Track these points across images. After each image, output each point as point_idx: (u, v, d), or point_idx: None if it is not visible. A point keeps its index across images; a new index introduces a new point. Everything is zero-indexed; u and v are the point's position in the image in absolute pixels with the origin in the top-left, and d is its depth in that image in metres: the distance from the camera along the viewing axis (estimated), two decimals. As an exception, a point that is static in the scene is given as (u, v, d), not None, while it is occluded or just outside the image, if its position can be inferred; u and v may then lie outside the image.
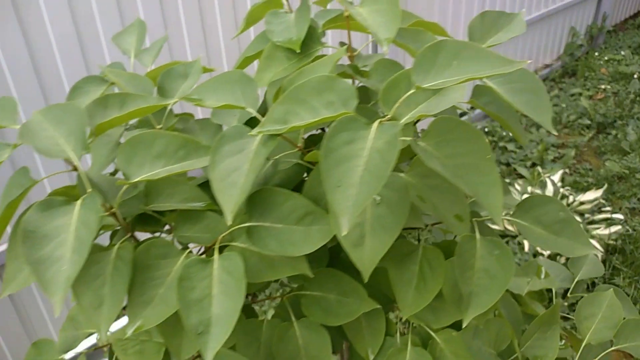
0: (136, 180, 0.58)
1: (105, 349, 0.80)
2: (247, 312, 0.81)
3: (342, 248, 0.61)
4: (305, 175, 0.76)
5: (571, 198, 2.44)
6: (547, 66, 4.35)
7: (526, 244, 2.32)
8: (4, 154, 0.57)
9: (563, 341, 0.94)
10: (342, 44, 0.80)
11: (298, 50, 0.72)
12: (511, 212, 0.67)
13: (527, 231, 0.66)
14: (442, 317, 0.76)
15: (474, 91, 0.71)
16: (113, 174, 0.79)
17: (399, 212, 0.58)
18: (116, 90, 0.82)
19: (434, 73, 0.52)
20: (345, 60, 0.83)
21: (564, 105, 3.81)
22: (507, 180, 2.84)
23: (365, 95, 0.86)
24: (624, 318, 0.85)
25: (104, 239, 0.72)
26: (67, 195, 0.60)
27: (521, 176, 2.99)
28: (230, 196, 0.56)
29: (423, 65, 0.52)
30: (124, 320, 0.59)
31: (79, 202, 0.52)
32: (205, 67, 0.91)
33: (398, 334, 0.78)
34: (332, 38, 2.25)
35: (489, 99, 0.70)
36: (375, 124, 0.52)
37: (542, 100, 0.61)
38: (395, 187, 0.59)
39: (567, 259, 1.01)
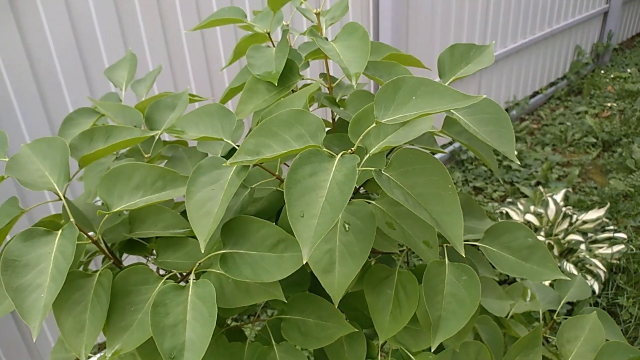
0: (116, 210, 0.61)
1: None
2: (233, 335, 0.83)
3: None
4: (286, 201, 0.79)
5: (574, 217, 2.43)
6: (552, 84, 4.36)
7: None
8: (-8, 187, 0.61)
9: (549, 364, 0.95)
10: (322, 75, 0.84)
11: (276, 84, 0.75)
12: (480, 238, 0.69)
13: (495, 257, 0.67)
14: (420, 340, 0.78)
15: (445, 122, 0.73)
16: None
17: (366, 239, 0.60)
18: (109, 121, 0.87)
19: (393, 108, 0.55)
20: (327, 90, 0.86)
21: (569, 124, 3.81)
22: (510, 200, 2.84)
23: (347, 123, 0.89)
24: (606, 340, 0.86)
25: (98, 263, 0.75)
26: (53, 224, 0.64)
27: (525, 195, 2.98)
28: (205, 225, 0.59)
29: (384, 100, 0.55)
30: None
31: (59, 232, 0.56)
32: (195, 96, 0.95)
33: (379, 357, 0.80)
34: (318, 67, 2.30)
35: (460, 129, 0.72)
36: (338, 156, 0.54)
37: (505, 131, 0.64)
38: (362, 215, 0.61)
39: (554, 280, 1.02)
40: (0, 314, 0.60)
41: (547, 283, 1.98)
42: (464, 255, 0.56)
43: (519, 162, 0.62)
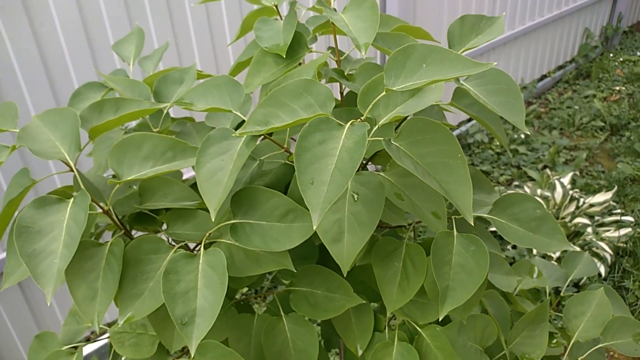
0: (126, 180, 0.61)
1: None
2: (242, 308, 0.84)
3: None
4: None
5: (581, 200, 2.43)
6: (560, 68, 4.32)
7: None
8: (2, 155, 0.61)
9: (555, 340, 0.95)
10: (329, 48, 0.83)
11: (284, 56, 0.75)
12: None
13: (504, 228, 0.67)
14: (427, 313, 0.78)
15: (454, 93, 0.73)
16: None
17: (374, 209, 0.61)
18: (116, 95, 0.87)
19: (403, 76, 0.55)
20: (335, 64, 0.86)
21: (577, 107, 3.77)
22: (517, 183, 2.83)
23: (355, 98, 0.89)
24: (612, 316, 0.86)
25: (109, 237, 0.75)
26: (64, 194, 0.64)
27: (532, 179, 2.97)
28: (215, 195, 0.59)
29: (394, 69, 0.55)
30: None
31: (70, 200, 0.56)
32: (202, 72, 0.94)
33: (387, 329, 0.81)
34: (325, 42, 2.29)
35: (470, 101, 0.72)
36: (347, 124, 0.54)
37: (515, 101, 0.63)
38: (371, 185, 0.62)
39: (561, 258, 1.02)
40: (15, 281, 0.61)
41: (554, 261, 1.98)
42: (472, 224, 0.56)
43: (528, 132, 0.62)
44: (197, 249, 0.70)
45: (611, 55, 4.60)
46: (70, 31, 1.59)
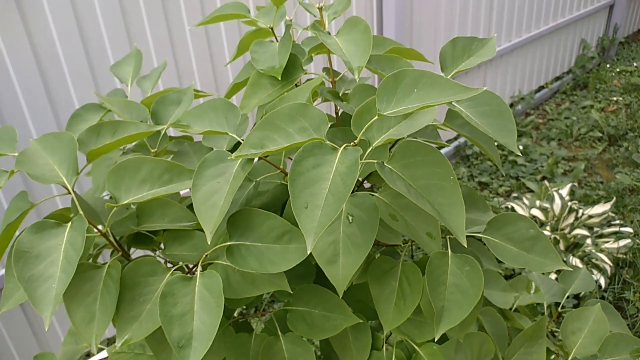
0: (123, 203, 0.62)
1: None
2: (240, 328, 0.84)
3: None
4: (290, 195, 0.80)
5: (580, 212, 2.43)
6: (557, 79, 4.34)
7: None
8: (1, 180, 0.62)
9: (553, 356, 0.95)
10: (325, 69, 0.85)
11: (279, 78, 0.76)
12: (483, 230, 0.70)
13: (498, 248, 0.68)
14: (425, 331, 0.78)
15: (447, 114, 0.74)
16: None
17: (369, 230, 0.61)
18: (115, 117, 0.88)
19: (395, 101, 0.56)
20: (330, 85, 0.87)
21: (574, 118, 3.79)
22: (515, 195, 2.83)
23: (350, 118, 0.90)
24: (610, 332, 0.86)
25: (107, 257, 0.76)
26: (62, 217, 0.65)
27: (530, 190, 2.98)
28: (211, 217, 0.60)
29: (386, 93, 0.56)
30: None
31: (68, 224, 0.57)
32: (199, 92, 0.96)
33: (384, 347, 0.81)
34: (321, 62, 2.31)
35: (462, 121, 0.73)
36: (341, 149, 0.55)
37: (507, 123, 0.64)
38: (366, 207, 0.62)
39: (558, 273, 1.03)
40: (14, 304, 0.62)
41: (552, 276, 1.98)
42: (465, 246, 0.57)
43: (520, 154, 0.63)
44: (194, 269, 0.71)
45: (608, 65, 4.63)
46: (70, 52, 1.61)
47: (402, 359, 0.78)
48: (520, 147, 3.37)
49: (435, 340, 0.63)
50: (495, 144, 0.80)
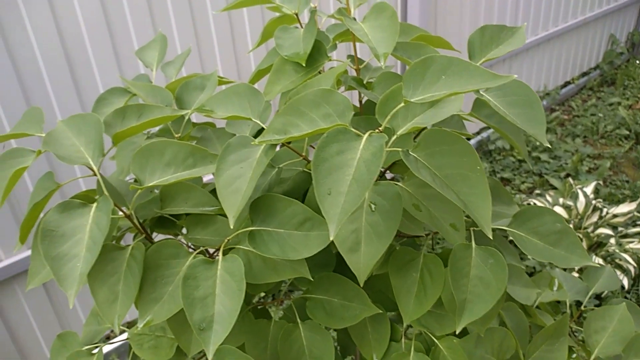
0: (148, 185, 0.62)
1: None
2: (258, 313, 0.84)
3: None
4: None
5: (604, 211, 2.38)
6: (584, 74, 4.24)
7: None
8: (28, 160, 0.63)
9: (575, 355, 0.94)
10: (349, 57, 0.84)
11: (304, 64, 0.75)
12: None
13: (523, 242, 0.67)
14: (445, 324, 0.77)
15: (474, 104, 0.72)
16: (136, 180, 0.85)
17: (392, 219, 0.60)
18: (140, 101, 0.88)
19: (422, 87, 0.55)
20: (354, 72, 0.86)
21: (601, 115, 3.70)
22: (538, 192, 2.79)
23: (374, 106, 0.89)
24: (635, 332, 0.84)
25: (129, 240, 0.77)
26: (87, 198, 0.66)
27: (554, 187, 2.92)
28: (234, 202, 0.60)
29: (413, 80, 0.55)
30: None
31: (94, 204, 0.57)
32: (223, 78, 0.96)
33: (403, 339, 0.80)
34: (344, 51, 2.29)
35: (489, 111, 0.72)
36: (365, 135, 0.55)
37: (536, 113, 0.63)
38: (389, 195, 0.62)
39: (582, 270, 1.01)
40: (39, 282, 0.63)
41: (575, 274, 1.95)
42: (490, 237, 0.55)
43: (548, 145, 0.61)
44: (215, 254, 0.71)
45: (637, 62, 4.51)
46: (96, 37, 1.63)
47: (421, 351, 0.77)
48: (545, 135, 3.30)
49: (457, 333, 0.63)
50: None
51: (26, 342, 1.78)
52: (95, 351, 0.74)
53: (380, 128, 0.58)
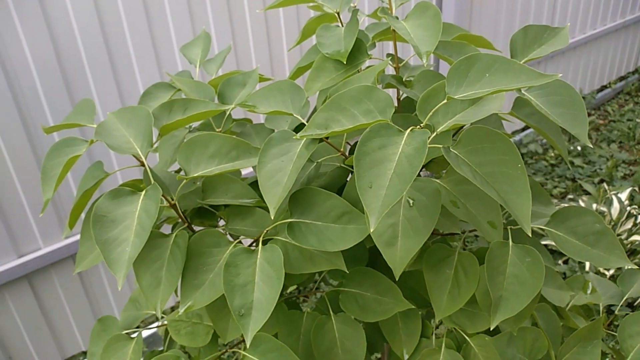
0: (193, 176, 0.65)
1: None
2: (290, 305, 0.86)
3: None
4: (348, 178, 0.81)
5: (639, 217, 2.32)
6: (622, 78, 4.13)
7: (587, 263, 2.22)
8: (82, 149, 0.66)
9: (607, 359, 0.92)
10: (389, 55, 0.84)
11: (345, 62, 0.77)
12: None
13: (561, 241, 0.66)
14: (477, 322, 0.78)
15: (515, 103, 0.72)
16: (178, 171, 0.87)
17: (430, 215, 0.61)
18: (182, 96, 0.91)
19: (466, 85, 0.55)
20: (393, 71, 0.87)
21: (638, 121, 3.60)
22: (571, 197, 2.73)
23: (411, 104, 0.89)
24: (673, 339, 0.83)
25: (167, 231, 0.80)
26: (134, 187, 0.68)
27: (587, 193, 2.86)
28: (275, 194, 0.62)
29: (456, 77, 0.56)
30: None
31: (143, 192, 0.60)
32: (262, 76, 0.98)
33: (434, 336, 0.81)
34: (384, 49, 2.29)
35: (530, 111, 0.71)
36: (407, 131, 0.55)
37: (578, 113, 0.62)
38: (427, 191, 0.62)
39: (617, 275, 0.99)
40: (87, 266, 0.66)
41: (608, 277, 1.91)
42: (530, 235, 0.56)
43: (590, 144, 0.61)
44: (252, 245, 0.73)
45: (679, 66, 4.36)
46: (137, 33, 1.68)
47: (452, 348, 0.78)
48: (579, 148, 3.24)
49: (491, 329, 0.63)
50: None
51: (60, 327, 1.84)
52: (134, 335, 0.77)
53: (420, 125, 0.59)
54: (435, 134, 0.63)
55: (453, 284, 0.70)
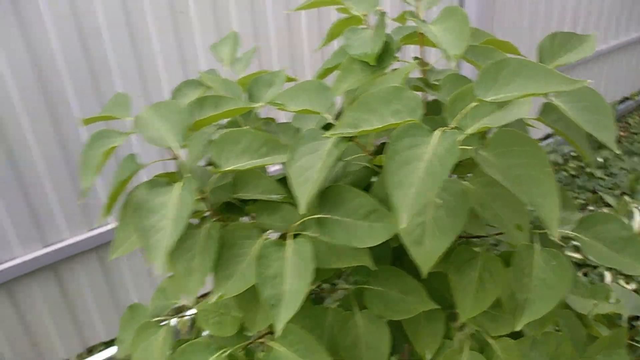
0: (225, 170, 0.66)
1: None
2: (315, 301, 0.87)
3: (406, 250, 0.66)
4: (373, 178, 0.82)
5: (662, 231, 2.28)
6: (646, 90, 4.08)
7: (607, 275, 2.20)
8: (119, 140, 0.68)
9: (630, 369, 0.92)
10: (415, 58, 0.86)
11: (373, 64, 0.78)
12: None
13: (589, 247, 0.67)
14: (501, 325, 0.78)
15: (542, 108, 0.73)
16: (206, 166, 0.90)
17: (457, 216, 0.62)
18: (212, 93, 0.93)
19: (495, 88, 0.56)
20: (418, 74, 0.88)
21: (661, 133, 3.55)
22: (591, 208, 2.70)
23: (436, 107, 0.90)
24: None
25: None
26: (169, 179, 0.71)
27: (608, 205, 2.83)
28: (305, 189, 0.63)
29: (486, 80, 0.57)
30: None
31: (179, 183, 0.62)
32: (288, 76, 1.00)
33: (457, 337, 0.81)
34: (409, 52, 2.30)
35: (557, 116, 0.72)
36: (438, 131, 0.57)
37: (606, 120, 0.63)
38: (455, 192, 0.63)
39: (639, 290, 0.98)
40: (124, 252, 0.68)
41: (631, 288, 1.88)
42: (557, 239, 0.56)
43: (618, 151, 0.61)
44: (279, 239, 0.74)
45: None
46: (162, 33, 1.72)
47: (475, 350, 0.78)
48: (600, 160, 3.20)
49: (517, 330, 0.64)
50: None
51: (83, 318, 1.88)
52: (163, 323, 0.79)
53: (452, 125, 0.60)
54: (463, 136, 0.64)
55: (478, 286, 0.71)
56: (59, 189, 1.66)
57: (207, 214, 0.74)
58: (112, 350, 1.87)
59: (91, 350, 1.93)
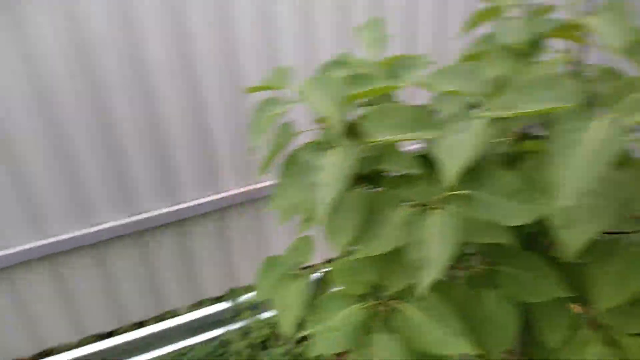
0: (379, 140, 0.72)
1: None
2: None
3: (540, 235, 0.67)
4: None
5: None
6: None
7: None
8: (284, 107, 0.76)
9: None
10: (567, 50, 0.86)
11: (525, 52, 0.80)
12: None
13: None
14: (632, 323, 0.77)
15: None
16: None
17: (611, 205, 0.63)
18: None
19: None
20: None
21: None
22: None
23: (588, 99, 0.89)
24: None
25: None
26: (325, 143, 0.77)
27: None
28: (453, 165, 0.67)
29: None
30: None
31: (340, 148, 0.69)
32: (429, 59, 1.03)
33: (583, 330, 0.80)
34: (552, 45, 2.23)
35: None
36: (603, 118, 0.58)
37: None
38: (610, 181, 0.64)
39: None
40: (280, 207, 0.76)
41: None
42: None
43: None
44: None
45: None
46: (291, 25, 1.82)
47: (608, 343, 0.77)
48: None
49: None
50: None
51: (202, 271, 2.07)
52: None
53: (614, 115, 0.60)
54: (632, 123, 0.64)
55: (619, 278, 0.70)
56: (189, 153, 1.82)
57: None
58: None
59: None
